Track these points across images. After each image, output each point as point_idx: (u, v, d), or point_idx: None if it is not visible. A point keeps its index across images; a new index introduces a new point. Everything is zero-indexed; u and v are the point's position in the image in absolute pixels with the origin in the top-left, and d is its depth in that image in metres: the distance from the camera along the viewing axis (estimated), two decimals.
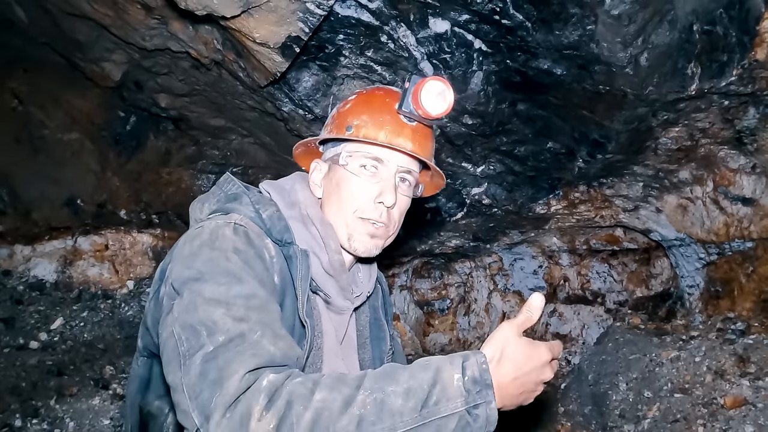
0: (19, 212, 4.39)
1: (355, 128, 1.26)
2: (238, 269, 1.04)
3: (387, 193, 1.25)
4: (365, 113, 1.28)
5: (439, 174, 1.38)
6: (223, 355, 0.92)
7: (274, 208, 1.24)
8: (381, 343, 1.45)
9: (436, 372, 0.93)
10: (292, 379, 0.91)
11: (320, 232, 1.26)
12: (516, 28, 2.99)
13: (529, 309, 1.05)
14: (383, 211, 1.26)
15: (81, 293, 4.10)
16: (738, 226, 3.87)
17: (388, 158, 1.27)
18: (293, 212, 1.27)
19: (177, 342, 0.97)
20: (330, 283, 1.27)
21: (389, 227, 1.29)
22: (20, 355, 3.47)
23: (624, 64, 3.03)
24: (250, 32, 2.83)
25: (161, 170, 5.01)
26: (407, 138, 1.26)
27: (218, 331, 0.95)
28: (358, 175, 1.26)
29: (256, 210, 1.20)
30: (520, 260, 5.55)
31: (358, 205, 1.26)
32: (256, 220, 1.18)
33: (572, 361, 5.17)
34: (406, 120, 1.27)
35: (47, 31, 3.98)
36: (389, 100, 1.29)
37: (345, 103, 1.33)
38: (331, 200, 1.29)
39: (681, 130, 3.50)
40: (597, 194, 4.36)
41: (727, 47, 2.87)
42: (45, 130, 4.51)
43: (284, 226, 1.21)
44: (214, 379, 0.90)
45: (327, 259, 1.25)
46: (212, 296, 0.99)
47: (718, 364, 3.14)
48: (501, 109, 3.61)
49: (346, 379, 0.93)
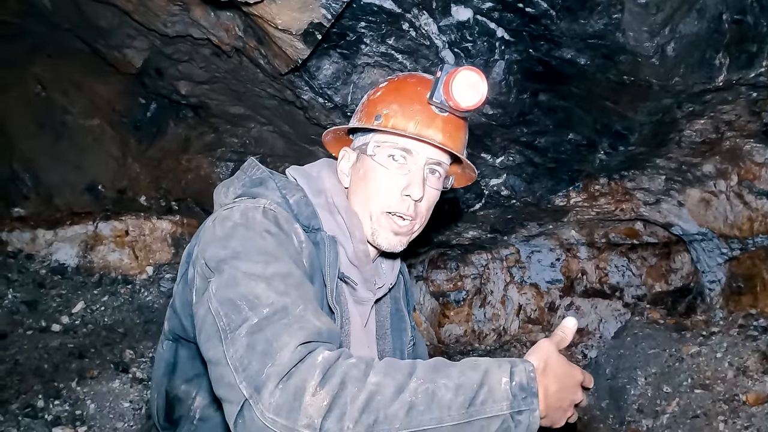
0: (41, 197, 4.45)
1: (384, 117, 1.23)
2: (273, 248, 1.03)
3: (414, 186, 1.22)
4: (395, 102, 1.24)
5: (471, 166, 1.35)
6: (271, 327, 0.91)
7: (301, 193, 1.22)
8: (402, 334, 1.44)
9: (485, 373, 0.93)
10: (346, 359, 0.91)
11: (346, 221, 1.24)
12: (540, 17, 2.95)
13: (563, 330, 1.08)
14: (410, 204, 1.24)
15: (102, 278, 4.15)
16: (762, 221, 3.80)
17: (417, 150, 1.24)
18: (320, 200, 1.25)
19: (215, 318, 0.96)
20: (354, 272, 1.26)
21: (415, 222, 1.27)
22: (43, 338, 3.52)
23: (650, 54, 2.98)
24: (273, 18, 2.82)
25: (181, 157, 5.04)
26: (438, 129, 1.23)
27: (261, 304, 0.94)
28: (385, 166, 1.23)
29: (283, 195, 1.18)
30: (538, 252, 5.51)
31: (385, 198, 1.23)
32: (283, 205, 1.16)
33: (589, 354, 5.14)
34: (437, 110, 1.23)
35: (70, 17, 4.01)
36: (421, 89, 1.25)
37: (375, 91, 1.30)
38: (358, 191, 1.27)
39: (706, 122, 3.44)
40: (618, 187, 4.31)
41: (758, 37, 2.81)
42: (67, 116, 4.55)
43: (312, 212, 1.20)
44: (263, 350, 0.89)
45: (352, 249, 1.24)
46: (252, 272, 0.99)
47: (740, 360, 3.10)
48: (522, 99, 3.57)
49: (399, 366, 0.92)
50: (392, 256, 1.41)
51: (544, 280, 5.57)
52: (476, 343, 5.70)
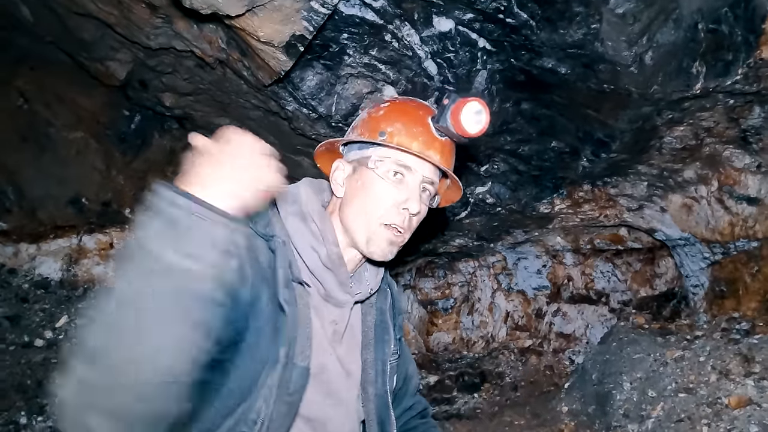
0: (24, 210, 4.41)
1: (389, 135, 1.30)
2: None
3: (413, 201, 1.29)
4: (400, 121, 1.32)
5: (457, 188, 1.46)
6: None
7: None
8: (384, 345, 1.46)
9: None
10: None
11: (319, 227, 1.29)
12: (520, 27, 2.99)
13: None
14: (406, 217, 1.31)
15: (86, 291, 4.12)
16: (743, 226, 3.86)
17: (417, 167, 1.31)
18: (293, 208, 1.30)
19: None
20: (328, 276, 1.30)
21: (405, 233, 1.34)
22: (26, 353, 3.49)
23: (629, 63, 3.03)
24: (255, 31, 2.83)
25: (166, 169, 5.03)
26: (437, 151, 1.32)
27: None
28: (386, 179, 1.30)
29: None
30: (524, 259, 5.55)
31: (383, 210, 1.29)
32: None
33: (576, 360, 5.17)
34: (437, 134, 1.33)
35: (53, 29, 4.00)
36: (422, 113, 1.34)
37: (378, 109, 1.37)
38: (354, 201, 1.32)
39: (686, 129, 3.49)
40: (601, 193, 4.36)
41: (733, 46, 2.86)
42: (51, 129, 4.53)
43: (266, 222, 1.25)
44: None
45: (325, 253, 1.28)
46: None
47: (722, 363, 3.14)
48: (505, 108, 3.61)
49: None
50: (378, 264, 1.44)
51: (531, 287, 5.60)
52: (464, 351, 5.71)
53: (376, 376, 1.39)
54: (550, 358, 5.35)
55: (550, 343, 5.44)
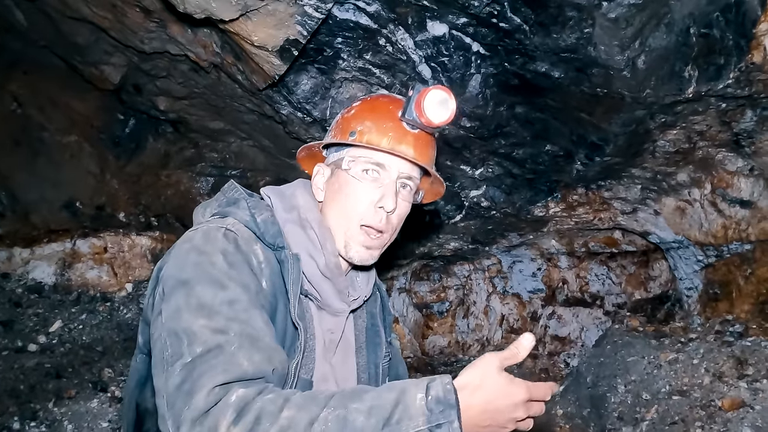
0: (17, 215, 4.39)
1: (359, 134, 1.28)
2: (222, 275, 1.06)
3: (387, 198, 1.26)
4: (369, 119, 1.30)
5: (439, 181, 1.41)
6: (199, 367, 0.95)
7: (269, 213, 1.26)
8: (376, 348, 1.46)
9: (400, 392, 0.95)
10: (264, 395, 0.94)
11: (318, 235, 1.27)
12: (514, 31, 3.00)
13: (517, 347, 1.05)
14: (383, 216, 1.27)
15: (80, 296, 4.10)
16: (736, 229, 3.87)
17: (390, 164, 1.28)
18: (292, 216, 1.28)
19: (162, 346, 1.02)
20: (326, 285, 1.28)
21: (386, 234, 1.30)
22: (18, 358, 3.47)
23: (621, 67, 3.04)
24: (249, 35, 2.84)
25: (160, 173, 5.02)
26: (409, 145, 1.28)
27: (197, 341, 0.98)
28: (360, 179, 1.27)
29: (252, 214, 1.22)
30: (519, 263, 5.56)
31: (360, 210, 1.27)
32: (250, 224, 1.20)
33: (571, 363, 5.17)
34: (408, 127, 1.29)
35: (47, 34, 3.99)
36: (393, 108, 1.31)
37: (349, 109, 1.35)
38: (333, 204, 1.30)
39: (679, 132, 3.51)
40: (595, 197, 4.37)
41: (724, 50, 2.88)
42: (44, 133, 4.52)
43: (277, 230, 1.23)
44: (187, 390, 0.94)
45: (324, 262, 1.26)
46: (197, 302, 1.02)
47: (716, 366, 3.15)
48: (499, 112, 3.62)
49: (316, 398, 0.95)
50: (366, 269, 1.44)
51: (526, 290, 5.61)
52: (460, 354, 5.71)
53: (369, 379, 1.40)
54: (545, 360, 5.35)
55: (545, 345, 5.44)
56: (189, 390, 0.93)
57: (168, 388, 0.96)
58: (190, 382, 0.94)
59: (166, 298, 1.06)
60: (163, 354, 1.00)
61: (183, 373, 0.95)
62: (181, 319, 1.01)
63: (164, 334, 1.02)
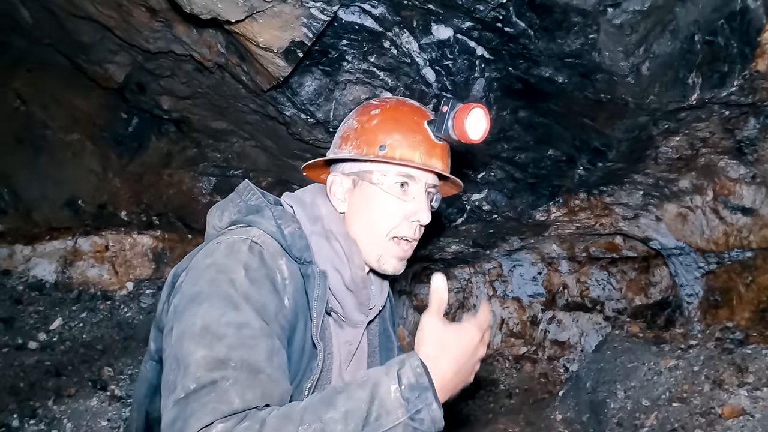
0: (19, 212, 4.40)
1: (389, 148, 1.25)
2: (237, 294, 1.04)
3: (422, 212, 1.27)
4: (396, 132, 1.26)
5: (454, 183, 1.44)
6: (191, 404, 0.94)
7: (296, 225, 1.22)
8: (389, 353, 1.45)
9: (373, 387, 0.94)
10: (241, 424, 0.92)
11: (344, 248, 1.25)
12: (518, 36, 3.01)
13: (437, 293, 1.07)
14: (416, 228, 1.29)
15: (80, 294, 4.10)
16: (737, 236, 3.87)
17: (420, 177, 1.28)
18: (316, 227, 1.25)
19: (168, 369, 1.01)
20: (349, 297, 1.27)
21: (415, 243, 1.33)
22: (18, 355, 3.47)
23: (626, 73, 3.05)
24: (254, 37, 2.84)
25: (162, 172, 5.02)
26: (438, 158, 1.29)
27: (190, 376, 0.96)
28: (393, 194, 1.26)
29: (278, 225, 1.18)
30: (520, 267, 5.55)
31: (394, 224, 1.26)
32: (277, 236, 1.16)
33: (570, 368, 5.17)
34: (435, 139, 1.29)
35: (51, 32, 4.00)
36: (417, 118, 1.29)
37: (369, 118, 1.30)
38: (360, 217, 1.28)
39: (681, 139, 3.51)
40: (597, 202, 4.37)
41: (729, 58, 2.88)
42: (47, 131, 4.52)
43: (305, 244, 1.20)
44: (178, 429, 0.93)
45: (350, 275, 1.24)
46: (202, 324, 1.00)
47: (716, 373, 3.15)
48: (502, 116, 3.62)
49: (292, 415, 0.93)
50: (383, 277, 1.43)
51: (526, 294, 5.60)
52: None
53: None
54: (544, 365, 5.35)
55: (545, 350, 5.44)
56: (180, 429, 0.93)
57: (165, 420, 0.96)
58: (181, 421, 0.93)
59: (177, 316, 1.04)
60: (168, 377, 1.00)
61: (176, 410, 0.94)
62: (183, 346, 0.99)
63: (170, 356, 1.01)
